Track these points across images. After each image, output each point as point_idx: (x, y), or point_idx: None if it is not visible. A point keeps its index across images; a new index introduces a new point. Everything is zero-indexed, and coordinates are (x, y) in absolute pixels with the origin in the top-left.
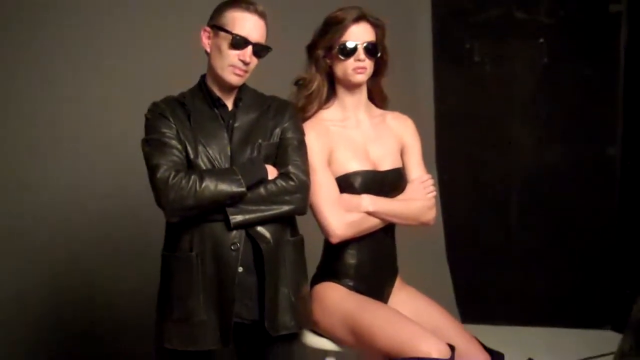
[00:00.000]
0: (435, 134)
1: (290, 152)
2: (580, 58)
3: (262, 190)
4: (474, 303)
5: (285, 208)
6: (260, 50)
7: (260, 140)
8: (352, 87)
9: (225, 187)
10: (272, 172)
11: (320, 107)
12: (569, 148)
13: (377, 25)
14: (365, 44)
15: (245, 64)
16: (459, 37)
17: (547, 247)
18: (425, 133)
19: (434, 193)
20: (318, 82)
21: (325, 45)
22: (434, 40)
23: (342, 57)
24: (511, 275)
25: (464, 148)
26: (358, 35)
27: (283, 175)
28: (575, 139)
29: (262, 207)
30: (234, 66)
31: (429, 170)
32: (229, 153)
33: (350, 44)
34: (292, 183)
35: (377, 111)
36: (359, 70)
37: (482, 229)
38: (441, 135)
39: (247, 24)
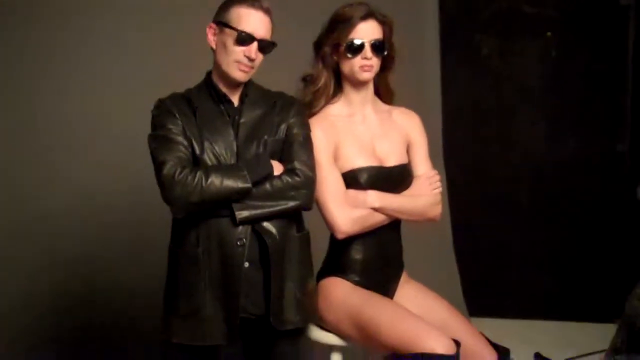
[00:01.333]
0: (443, 129)
1: (296, 148)
2: (589, 52)
3: (268, 186)
4: (481, 297)
5: (291, 204)
6: (265, 47)
7: (266, 136)
8: (358, 84)
9: (231, 183)
10: (278, 168)
11: (327, 103)
12: (577, 143)
13: (384, 23)
14: (372, 42)
15: (251, 60)
16: (467, 31)
17: (555, 241)
18: (433, 128)
19: (440, 189)
20: (325, 79)
21: (332, 42)
22: (441, 34)
23: (349, 55)
24: (519, 269)
25: (472, 143)
26: (365, 32)
27: (289, 171)
28: (584, 135)
29: (268, 203)
30: (239, 62)
31: (435, 165)
32: (235, 149)
33: (357, 42)
34: (297, 179)
35: (384, 106)
36: (365, 68)
37: (489, 224)
38: (448, 130)
39: (253, 20)
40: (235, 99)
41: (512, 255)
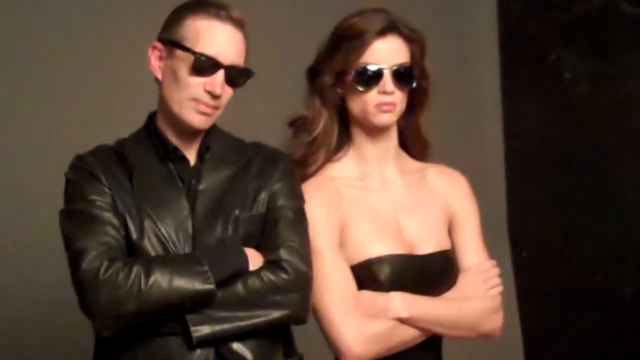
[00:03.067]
0: (507, 188)
1: (282, 229)
2: None
3: (240, 287)
4: None
5: (276, 314)
6: (236, 76)
7: (237, 211)
8: (375, 131)
9: (184, 283)
10: (255, 259)
11: (328, 159)
12: None
13: (412, 40)
14: (394, 68)
15: (215, 97)
16: (540, 45)
17: None
18: (491, 188)
19: (501, 287)
20: (325, 123)
21: (335, 68)
22: (500, 49)
23: (360, 88)
24: None
25: (552, 209)
26: (384, 54)
27: (272, 264)
28: None
29: (240, 314)
30: (197, 100)
31: (496, 248)
32: (190, 230)
33: (372, 68)
34: (285, 276)
35: (414, 164)
36: (385, 108)
37: (578, 328)
38: (515, 190)
39: (217, 38)
40: (191, 155)
41: None
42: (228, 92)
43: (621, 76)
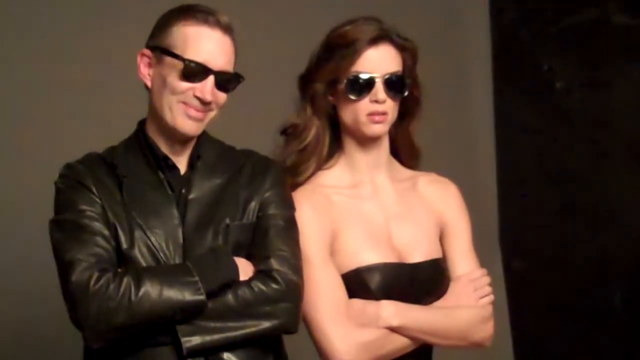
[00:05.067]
0: (499, 200)
1: (272, 238)
2: None
3: (230, 297)
4: None
5: (266, 324)
6: (226, 82)
7: (227, 220)
8: (366, 139)
9: (174, 294)
10: (245, 269)
11: (319, 168)
12: None
13: (404, 48)
14: (387, 77)
15: (205, 103)
16: (532, 55)
17: None
18: (483, 200)
19: (492, 296)
20: (316, 131)
21: (327, 76)
22: (494, 59)
23: (352, 96)
24: None
25: (544, 218)
26: (376, 63)
27: (262, 273)
28: None
29: (231, 324)
30: (187, 105)
31: (487, 257)
32: (181, 240)
33: (364, 76)
34: (275, 286)
35: (405, 173)
36: (376, 118)
37: (574, 343)
38: (507, 200)
39: (206, 44)
40: (181, 163)
41: None
42: (220, 97)
43: (612, 85)
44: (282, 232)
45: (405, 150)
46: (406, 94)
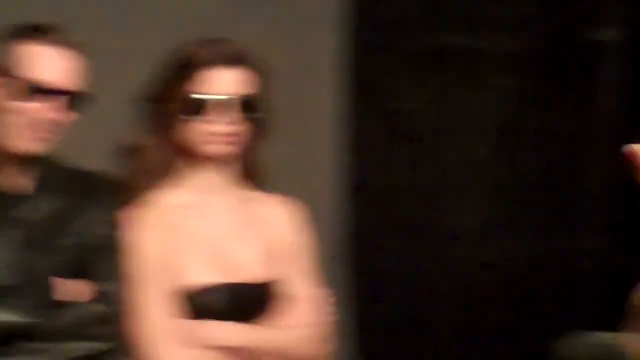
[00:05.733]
0: (348, 218)
1: (104, 259)
2: (554, 107)
3: (61, 319)
4: None
5: (96, 347)
6: (70, 101)
7: (65, 241)
8: (212, 160)
9: (4, 317)
10: (78, 290)
11: (161, 187)
12: (533, 238)
13: (256, 70)
14: (237, 98)
15: (50, 122)
16: (380, 76)
17: None
18: (330, 219)
19: (332, 317)
20: (160, 150)
21: (174, 96)
22: (344, 78)
23: (199, 117)
24: None
25: (392, 236)
26: (227, 84)
27: (95, 295)
28: (541, 227)
29: (62, 347)
30: (34, 127)
31: (336, 277)
32: (18, 262)
33: (213, 98)
34: (103, 308)
35: (251, 194)
36: (223, 139)
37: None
38: (356, 220)
39: (48, 63)
40: (22, 184)
41: None
42: (66, 117)
43: (455, 109)
44: (112, 253)
45: (251, 172)
46: (256, 115)
